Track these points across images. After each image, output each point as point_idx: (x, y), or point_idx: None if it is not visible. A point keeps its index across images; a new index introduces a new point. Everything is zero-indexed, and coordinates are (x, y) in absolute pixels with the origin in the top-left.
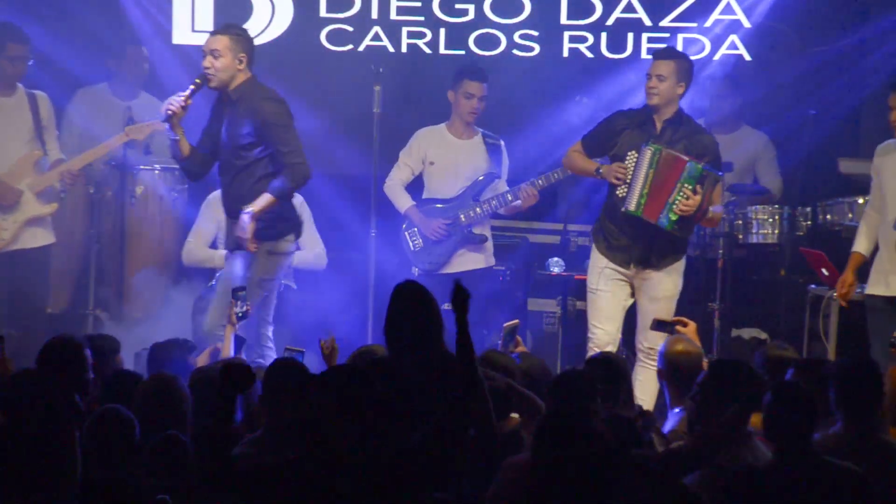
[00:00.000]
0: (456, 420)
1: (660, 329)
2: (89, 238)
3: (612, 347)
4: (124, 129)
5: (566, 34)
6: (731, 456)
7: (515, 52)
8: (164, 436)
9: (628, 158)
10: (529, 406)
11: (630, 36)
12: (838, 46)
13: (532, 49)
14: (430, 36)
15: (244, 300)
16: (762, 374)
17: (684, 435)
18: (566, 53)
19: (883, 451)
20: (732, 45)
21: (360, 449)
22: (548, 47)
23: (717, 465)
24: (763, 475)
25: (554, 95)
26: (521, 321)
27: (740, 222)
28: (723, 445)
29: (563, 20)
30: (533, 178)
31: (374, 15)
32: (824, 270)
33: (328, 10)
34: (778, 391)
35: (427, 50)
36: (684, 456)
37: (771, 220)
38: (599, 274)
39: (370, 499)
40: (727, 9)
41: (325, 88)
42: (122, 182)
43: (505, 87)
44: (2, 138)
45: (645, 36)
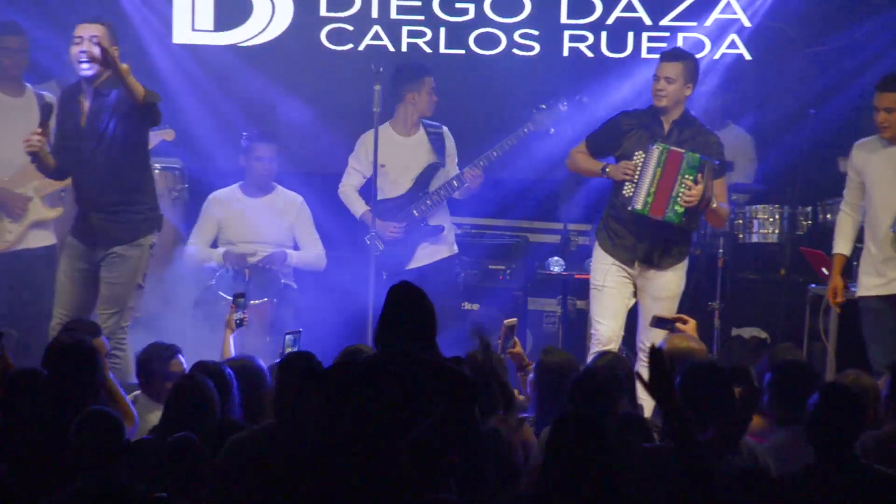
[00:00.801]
0: (451, 422)
1: (660, 326)
2: None
3: (615, 345)
4: None
5: (566, 33)
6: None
7: (515, 51)
8: (178, 437)
9: (635, 158)
10: (508, 401)
11: (630, 35)
12: (838, 46)
13: (532, 48)
14: (430, 35)
15: (243, 307)
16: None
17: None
18: (566, 53)
19: None
20: (733, 45)
21: (358, 449)
22: (548, 47)
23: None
24: (804, 479)
25: (554, 95)
26: (521, 321)
27: (740, 222)
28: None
29: (563, 19)
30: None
31: (374, 14)
32: (824, 270)
33: (328, 10)
34: (826, 393)
35: (427, 49)
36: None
37: (771, 220)
38: (606, 271)
39: (370, 499)
40: (727, 8)
41: (325, 87)
42: None
43: (505, 87)
44: (11, 139)
45: (645, 35)
